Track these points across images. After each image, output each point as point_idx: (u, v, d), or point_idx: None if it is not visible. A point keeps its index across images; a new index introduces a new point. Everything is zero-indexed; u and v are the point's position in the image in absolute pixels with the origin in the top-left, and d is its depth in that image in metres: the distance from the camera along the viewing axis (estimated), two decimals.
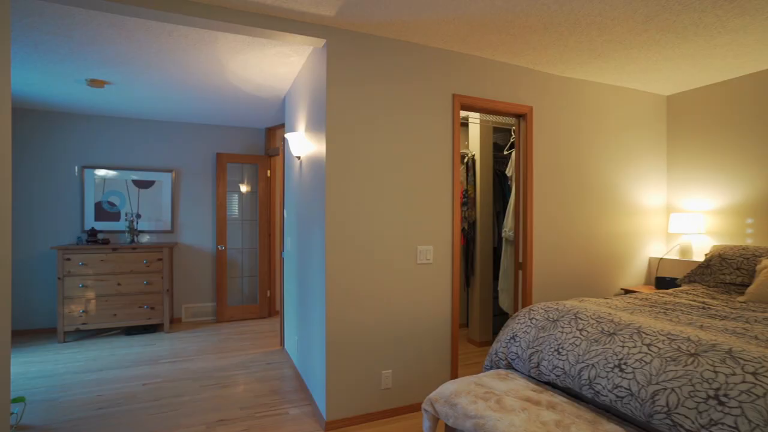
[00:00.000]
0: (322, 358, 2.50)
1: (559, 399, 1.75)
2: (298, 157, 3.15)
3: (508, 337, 2.13)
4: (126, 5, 2.05)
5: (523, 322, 2.12)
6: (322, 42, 2.47)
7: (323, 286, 2.45)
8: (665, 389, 1.41)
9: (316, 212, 2.61)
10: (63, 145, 4.44)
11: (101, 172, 4.55)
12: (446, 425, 1.96)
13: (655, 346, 1.57)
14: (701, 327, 1.82)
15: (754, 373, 1.29)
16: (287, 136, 3.12)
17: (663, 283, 3.43)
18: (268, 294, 5.14)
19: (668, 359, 1.49)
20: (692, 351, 1.48)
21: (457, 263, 2.74)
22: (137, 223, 4.63)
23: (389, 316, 2.58)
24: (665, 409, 1.38)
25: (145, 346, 3.96)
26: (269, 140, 5.19)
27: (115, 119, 4.61)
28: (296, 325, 3.27)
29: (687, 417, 1.32)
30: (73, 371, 3.33)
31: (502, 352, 2.13)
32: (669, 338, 1.59)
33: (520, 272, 3.04)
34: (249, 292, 5.15)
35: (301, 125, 3.09)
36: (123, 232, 4.60)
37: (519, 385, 1.90)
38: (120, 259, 4.21)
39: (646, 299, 2.42)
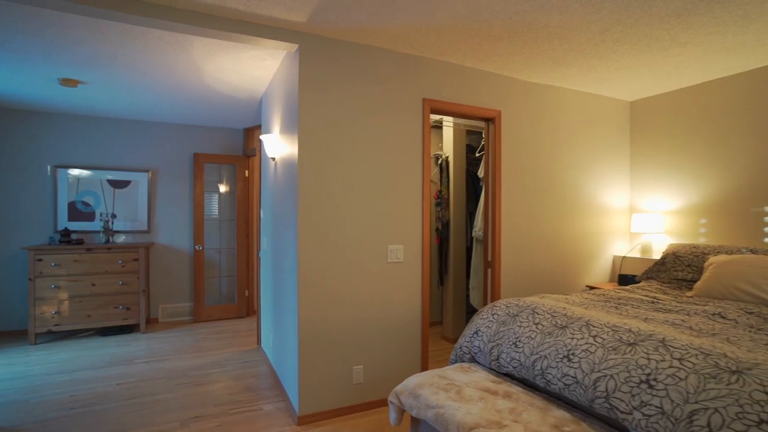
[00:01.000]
0: (294, 354, 2.57)
1: (515, 389, 1.87)
2: (273, 159, 3.21)
3: (472, 332, 2.24)
4: (96, 8, 2.08)
5: (486, 318, 2.23)
6: (294, 47, 2.53)
7: (295, 284, 2.52)
8: (605, 376, 1.53)
9: (290, 212, 2.68)
10: (35, 144, 4.38)
11: (75, 172, 4.50)
12: (411, 416, 2.06)
13: (600, 338, 1.70)
14: (645, 320, 1.96)
15: (680, 359, 1.42)
16: (262, 137, 3.17)
17: (625, 280, 3.61)
18: (247, 294, 5.16)
19: (610, 349, 1.62)
20: (631, 341, 1.61)
21: (428, 262, 2.84)
22: (112, 223, 4.60)
23: (361, 313, 2.67)
24: (604, 394, 1.50)
25: (120, 347, 3.95)
26: (247, 141, 5.21)
27: (89, 118, 4.57)
28: (272, 323, 3.33)
29: (622, 400, 1.44)
30: (45, 372, 3.31)
31: (466, 347, 2.24)
32: (613, 330, 1.72)
33: (489, 270, 3.17)
34: (227, 292, 5.16)
35: (276, 127, 3.14)
36: (98, 232, 4.56)
37: (480, 377, 2.00)
38: (94, 259, 4.18)
39: (603, 295, 2.57)
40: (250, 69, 3.08)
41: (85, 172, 4.54)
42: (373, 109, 2.70)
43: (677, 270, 2.97)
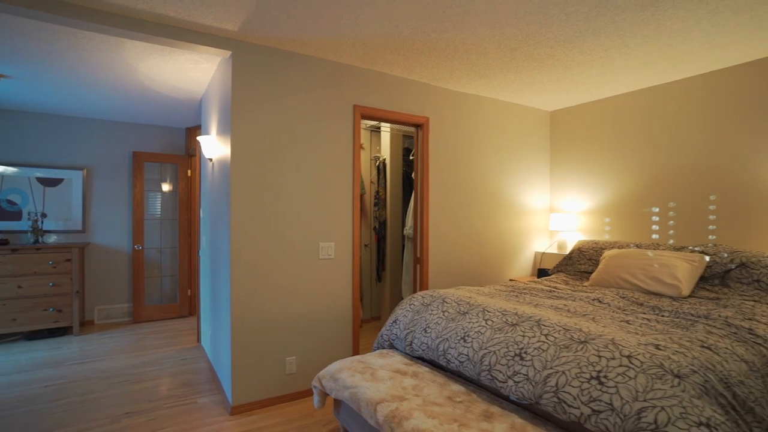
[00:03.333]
0: (228, 347, 2.68)
1: (423, 369, 2.10)
2: (211, 159, 3.28)
3: (392, 321, 2.46)
4: (15, 6, 2.10)
5: (404, 308, 2.46)
6: (227, 53, 2.64)
7: (228, 280, 2.63)
8: (490, 352, 1.79)
9: (224, 211, 2.78)
10: None
11: None
12: (334, 399, 2.24)
13: (492, 320, 1.96)
14: (535, 305, 2.26)
15: (546, 335, 1.70)
16: (200, 138, 3.24)
17: (543, 273, 3.99)
18: (189, 293, 5.13)
19: (496, 329, 1.88)
20: (514, 322, 1.88)
21: (358, 258, 3.04)
22: (42, 222, 4.43)
23: (293, 307, 2.82)
24: (488, 367, 1.76)
25: (51, 350, 3.85)
26: (190, 140, 5.17)
27: (15, 113, 4.37)
28: (210, 320, 3.40)
29: (500, 371, 1.71)
30: None
31: (386, 335, 2.46)
32: (503, 314, 1.99)
33: (418, 266, 3.42)
34: (169, 292, 5.11)
35: (213, 128, 3.22)
36: (26, 232, 4.38)
37: (395, 360, 2.22)
38: (21, 260, 4.03)
39: (513, 286, 2.88)
40: (187, 71, 3.14)
41: (10, 169, 4.34)
42: (305, 114, 2.86)
43: (581, 263, 3.36)
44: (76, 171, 4.63)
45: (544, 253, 4.21)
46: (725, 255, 2.60)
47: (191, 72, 3.16)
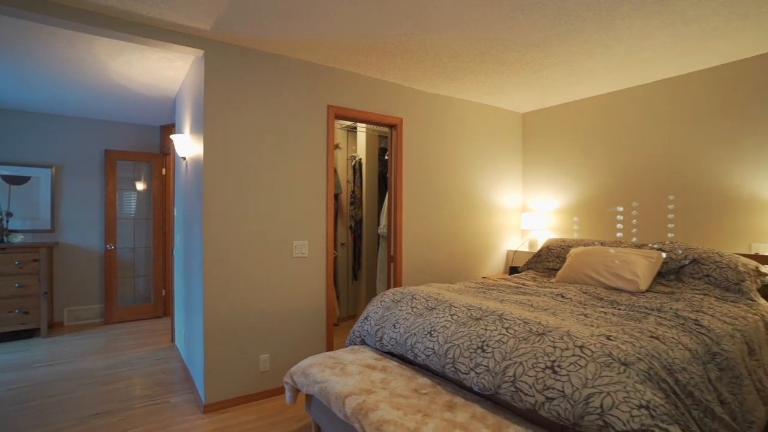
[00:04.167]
0: (201, 345, 2.68)
1: (392, 364, 2.16)
2: (184, 158, 3.26)
3: (363, 318, 2.51)
4: None
5: (375, 305, 2.52)
6: (200, 52, 2.64)
7: (201, 278, 2.63)
8: (454, 345, 1.86)
9: (196, 210, 2.77)
10: None
11: None
12: (306, 395, 2.28)
13: (457, 315, 2.03)
14: (501, 301, 2.34)
15: (507, 328, 1.78)
16: (173, 137, 3.22)
17: (514, 271, 4.11)
18: (164, 293, 5.07)
19: (461, 324, 1.95)
20: (478, 317, 1.96)
21: (331, 256, 3.08)
22: (7, 222, 4.31)
23: (267, 305, 2.84)
24: (452, 360, 1.83)
25: (16, 353, 3.75)
26: (164, 138, 5.10)
27: None
28: (184, 319, 3.38)
29: (463, 363, 1.78)
30: None
31: (358, 331, 2.51)
32: (468, 309, 2.06)
33: (392, 264, 3.47)
34: (143, 292, 5.03)
35: (187, 127, 3.20)
36: None
37: (365, 356, 2.27)
38: None
39: (482, 283, 2.97)
40: (160, 69, 3.11)
41: None
42: (278, 113, 2.88)
43: (549, 261, 3.48)
44: (45, 169, 4.51)
45: (516, 251, 4.33)
46: (680, 252, 2.75)
47: (165, 70, 3.13)
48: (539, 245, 4.27)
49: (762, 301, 2.38)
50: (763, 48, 2.72)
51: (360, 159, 4.29)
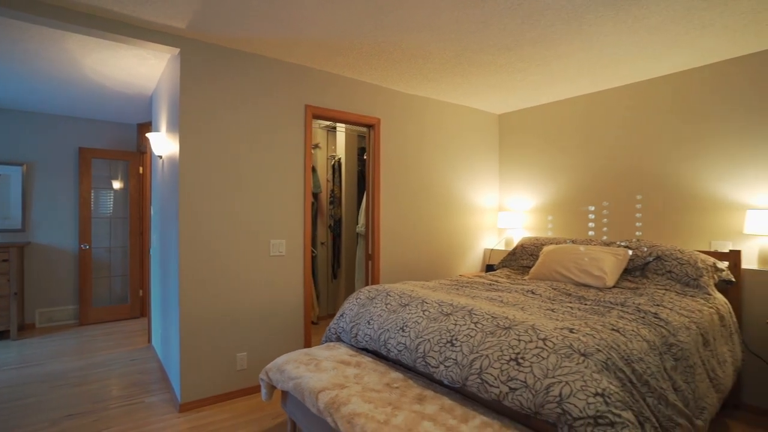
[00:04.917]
0: (177, 344, 2.67)
1: (366, 359, 2.20)
2: (161, 156, 3.24)
3: (339, 315, 2.55)
4: None
5: (351, 302, 2.55)
6: (176, 50, 2.63)
7: (177, 276, 2.62)
8: (424, 340, 1.92)
9: (173, 209, 2.76)
10: None
11: None
12: (282, 392, 2.30)
13: (428, 311, 2.09)
14: (473, 297, 2.41)
15: (476, 323, 1.84)
16: (149, 135, 3.19)
17: (491, 269, 4.19)
18: (141, 293, 5.00)
19: (431, 319, 2.01)
20: (448, 312, 2.02)
21: (308, 255, 3.10)
22: None
23: (243, 303, 2.84)
24: (423, 354, 1.88)
25: None
26: (141, 136, 5.03)
27: None
28: (161, 319, 3.35)
29: (433, 357, 1.83)
30: None
31: (334, 328, 2.54)
32: (439, 305, 2.12)
33: (370, 263, 3.51)
34: (120, 292, 4.95)
35: (163, 125, 3.18)
36: None
37: (340, 352, 2.31)
38: None
39: (456, 281, 3.03)
40: (135, 66, 3.08)
41: None
42: (256, 113, 2.88)
43: (523, 259, 3.57)
44: (15, 167, 4.40)
45: (492, 249, 4.42)
46: (645, 249, 2.86)
47: (139, 67, 3.10)
48: (515, 243, 4.36)
49: (718, 295, 2.51)
50: (719, 56, 2.85)
51: (339, 158, 4.32)
